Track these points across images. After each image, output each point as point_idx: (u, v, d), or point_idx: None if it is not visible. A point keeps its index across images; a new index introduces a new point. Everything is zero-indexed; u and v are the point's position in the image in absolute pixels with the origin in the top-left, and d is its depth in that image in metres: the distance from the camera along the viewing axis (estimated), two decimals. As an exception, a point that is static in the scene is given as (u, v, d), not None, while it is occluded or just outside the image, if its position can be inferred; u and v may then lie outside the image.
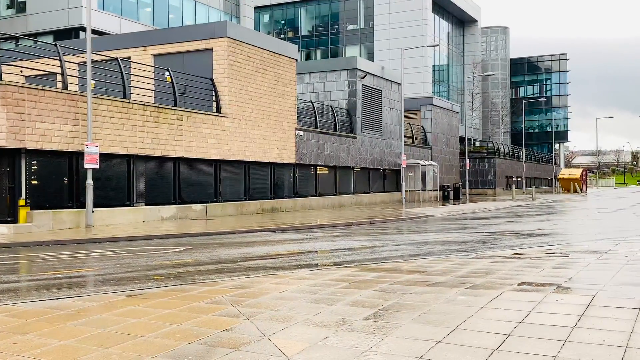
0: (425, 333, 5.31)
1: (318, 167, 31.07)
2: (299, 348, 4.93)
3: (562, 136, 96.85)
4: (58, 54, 19.05)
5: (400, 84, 39.06)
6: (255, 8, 59.22)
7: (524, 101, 75.51)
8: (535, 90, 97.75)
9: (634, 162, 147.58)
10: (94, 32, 32.05)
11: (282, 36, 72.10)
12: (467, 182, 50.67)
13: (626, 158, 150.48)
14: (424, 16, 64.98)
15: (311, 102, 31.62)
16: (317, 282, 7.95)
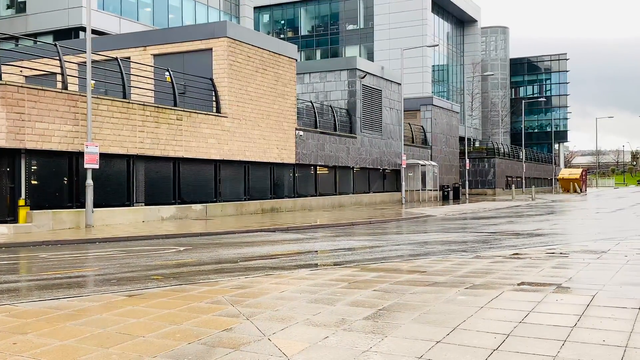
0: (425, 333, 5.31)
1: (318, 167, 31.06)
2: (299, 348, 4.93)
3: (562, 136, 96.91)
4: (58, 54, 19.05)
5: (400, 84, 39.06)
6: (255, 8, 59.20)
7: (524, 101, 75.47)
8: (535, 90, 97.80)
9: (634, 162, 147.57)
10: (94, 32, 32.04)
11: (282, 36, 72.09)
12: (467, 182, 50.68)
13: (626, 158, 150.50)
14: (424, 16, 64.99)
15: (311, 102, 31.62)
16: (317, 282, 7.95)
